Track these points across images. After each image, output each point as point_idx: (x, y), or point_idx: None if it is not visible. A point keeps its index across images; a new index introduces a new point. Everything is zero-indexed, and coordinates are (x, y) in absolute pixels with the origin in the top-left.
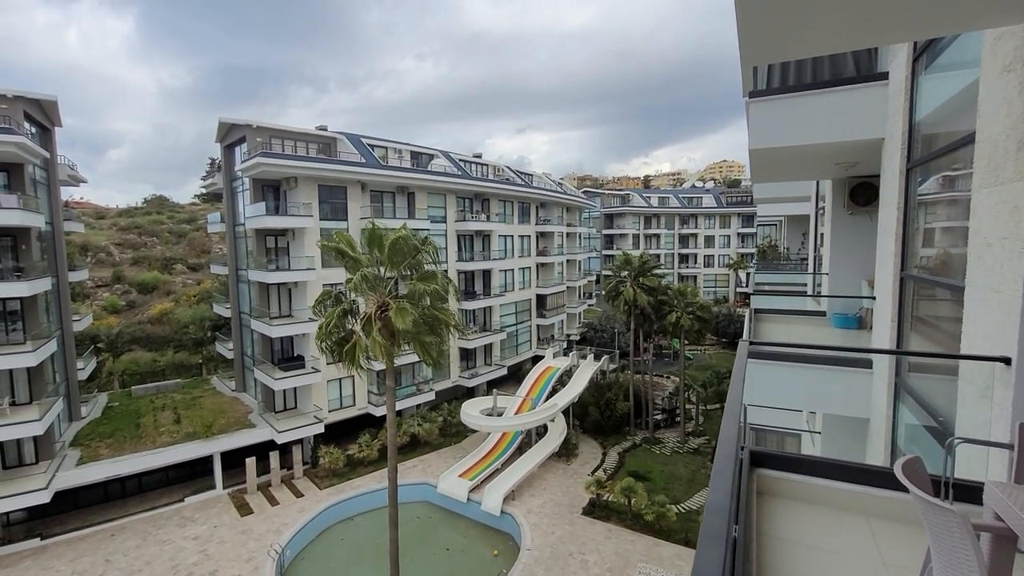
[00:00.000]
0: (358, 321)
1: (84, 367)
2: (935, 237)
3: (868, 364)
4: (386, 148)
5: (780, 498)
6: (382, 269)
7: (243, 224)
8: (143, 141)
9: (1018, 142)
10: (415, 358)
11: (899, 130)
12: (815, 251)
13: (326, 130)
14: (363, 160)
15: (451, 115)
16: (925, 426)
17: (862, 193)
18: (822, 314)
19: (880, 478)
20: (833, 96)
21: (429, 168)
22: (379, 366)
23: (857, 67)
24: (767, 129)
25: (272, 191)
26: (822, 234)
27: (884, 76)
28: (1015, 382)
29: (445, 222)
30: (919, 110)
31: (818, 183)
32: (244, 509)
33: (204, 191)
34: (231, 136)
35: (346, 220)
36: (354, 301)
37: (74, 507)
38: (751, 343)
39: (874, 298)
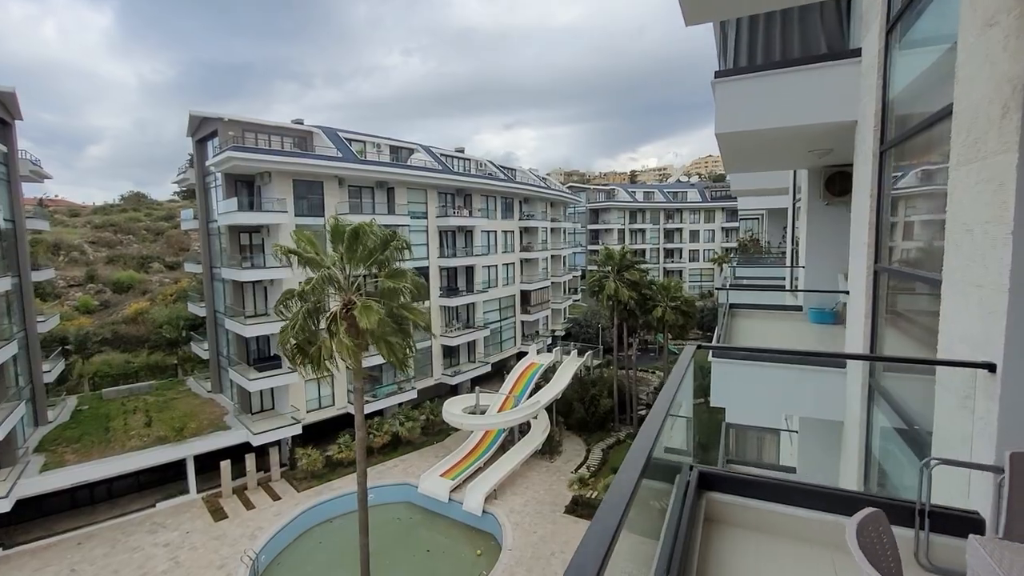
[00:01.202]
0: (323, 321)
1: (50, 370)
2: (911, 225)
3: (842, 364)
4: (364, 142)
5: (732, 527)
6: (348, 266)
7: (216, 221)
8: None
9: (1003, 107)
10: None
11: (872, 110)
12: (792, 244)
13: (302, 124)
14: (340, 155)
15: (439, 111)
16: (899, 430)
17: (838, 182)
18: (799, 309)
19: (846, 505)
20: (802, 75)
21: (409, 163)
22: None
23: (829, 45)
24: (734, 112)
25: (246, 187)
26: (798, 228)
27: (857, 53)
28: (1001, 393)
29: (426, 218)
30: (893, 87)
31: (795, 174)
32: (218, 514)
33: (179, 187)
34: (203, 130)
35: (323, 216)
36: (319, 301)
37: (39, 515)
38: (699, 347)
39: (846, 292)
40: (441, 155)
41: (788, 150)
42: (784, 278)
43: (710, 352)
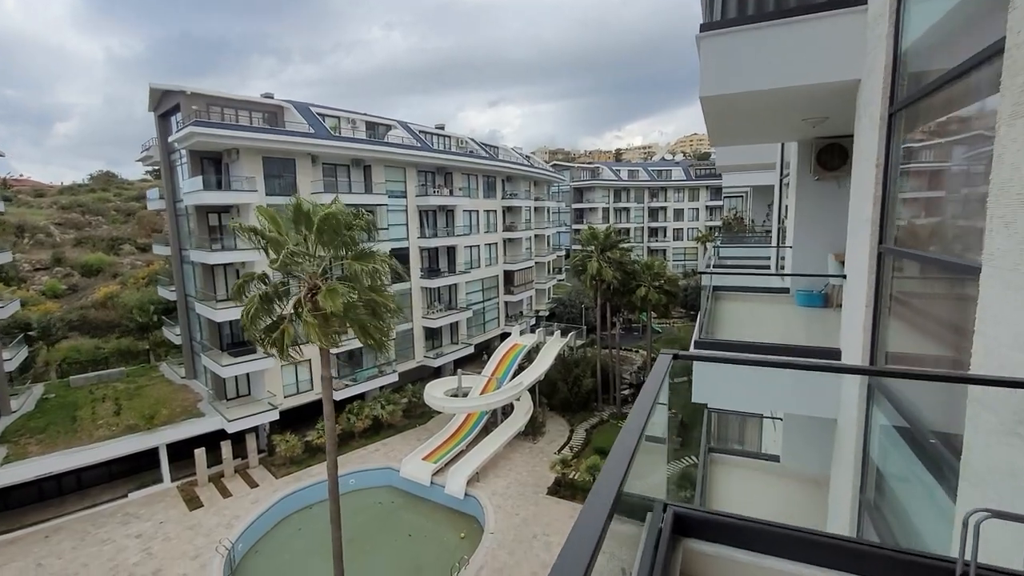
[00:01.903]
0: (287, 305)
1: (12, 357)
2: (929, 199)
3: (836, 355)
4: (338, 118)
5: None
6: (314, 248)
7: (182, 201)
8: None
9: None
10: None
11: (881, 65)
12: (779, 223)
13: (272, 98)
14: (312, 131)
15: (422, 87)
16: (905, 436)
17: (830, 156)
18: (785, 291)
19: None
20: (799, 28)
21: (386, 140)
22: (340, 348)
23: None
24: (721, 72)
25: (213, 164)
26: (786, 206)
27: (863, 1)
28: None
29: (405, 197)
30: (907, 36)
31: (783, 148)
32: (193, 503)
33: (143, 165)
34: (165, 104)
35: (296, 195)
36: (281, 284)
37: (2, 508)
38: (676, 356)
39: (843, 276)
40: (420, 132)
41: (780, 118)
42: (769, 258)
43: (691, 342)
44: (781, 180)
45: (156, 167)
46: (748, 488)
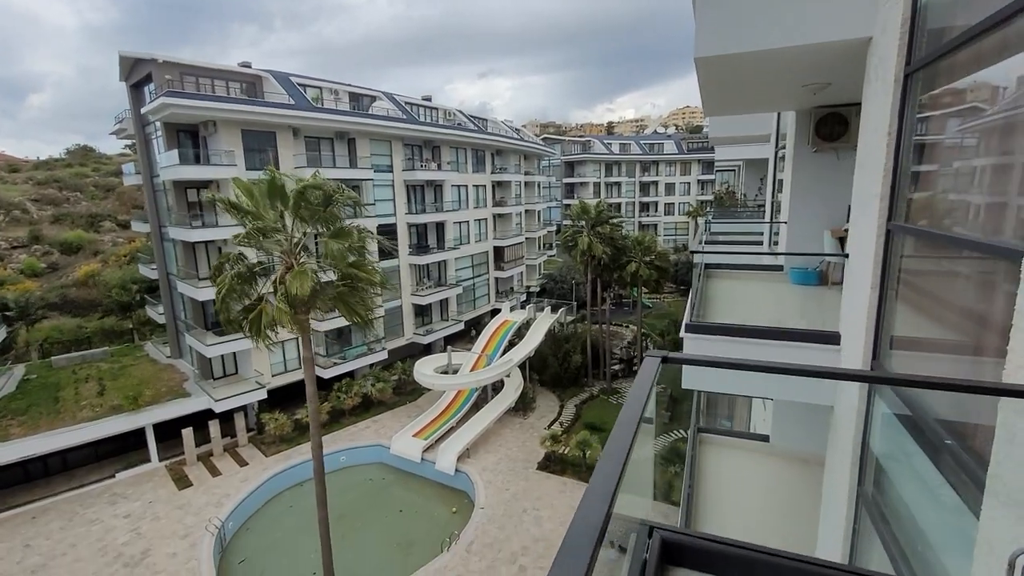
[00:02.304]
0: (267, 285)
1: None
2: (950, 172)
3: (835, 339)
4: (320, 89)
5: None
6: (292, 224)
7: (159, 176)
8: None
9: None
10: None
11: (897, 18)
12: (772, 197)
13: (250, 67)
14: (292, 102)
15: (409, 59)
16: (911, 428)
17: (829, 126)
18: (779, 268)
19: None
20: None
21: (370, 111)
22: (327, 325)
23: None
24: (718, 30)
25: (189, 138)
26: (781, 179)
27: None
28: None
29: (391, 171)
30: None
31: (779, 118)
32: (182, 482)
33: (117, 138)
34: (136, 73)
35: (279, 170)
36: (260, 263)
37: None
38: (666, 360)
39: (845, 255)
40: (406, 103)
41: (779, 84)
42: (762, 233)
43: (682, 324)
44: (776, 153)
45: (132, 141)
46: (738, 468)
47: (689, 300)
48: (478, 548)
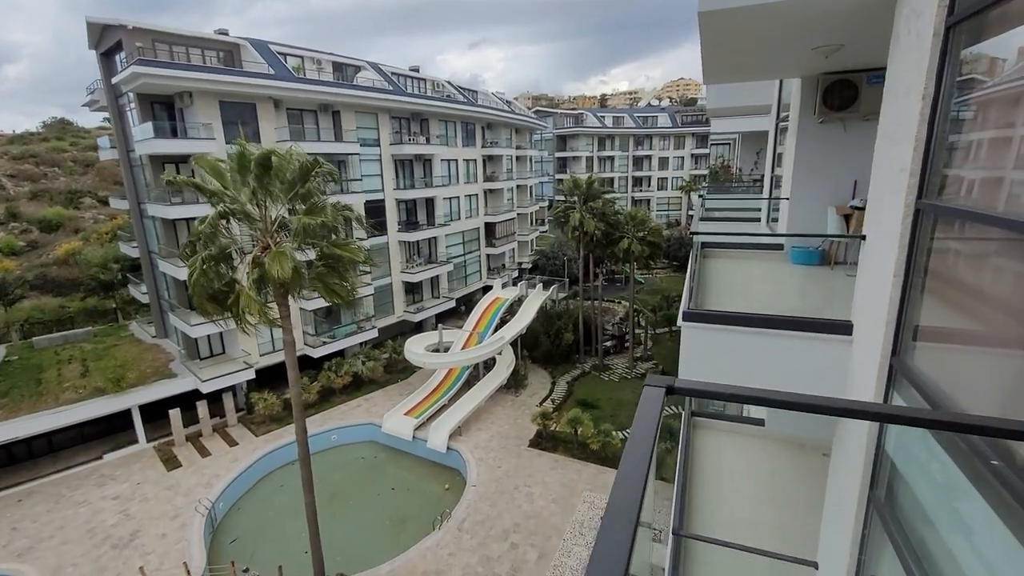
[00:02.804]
0: (244, 266)
1: None
2: (1001, 141)
3: (847, 329)
4: (301, 58)
5: None
6: (264, 202)
7: (134, 150)
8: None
9: None
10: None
11: None
12: (772, 171)
13: (227, 35)
14: (272, 72)
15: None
16: (937, 433)
17: (838, 94)
18: (779, 247)
19: None
20: None
21: (355, 82)
22: (314, 304)
23: None
24: None
25: (165, 109)
26: (780, 153)
27: None
28: None
29: (378, 146)
30: None
31: (781, 88)
32: (171, 463)
33: (90, 111)
34: (106, 41)
35: (259, 144)
36: (234, 244)
37: None
38: (671, 391)
39: (861, 237)
40: (393, 74)
41: (787, 46)
42: (759, 209)
43: (680, 314)
44: (777, 124)
45: (108, 113)
46: (733, 454)
47: (686, 284)
48: (470, 526)
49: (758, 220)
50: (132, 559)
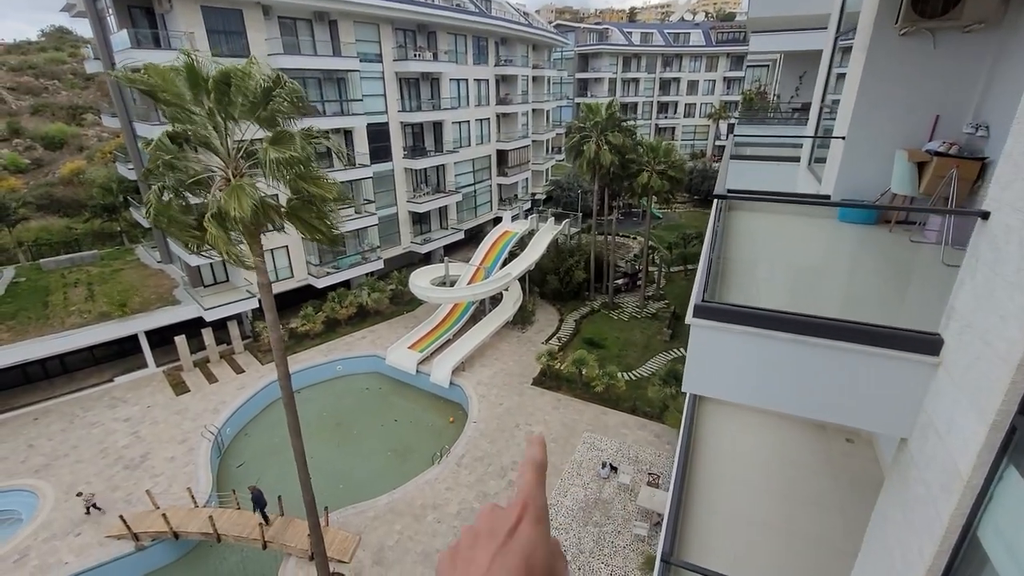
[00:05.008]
0: (216, 194)
1: None
2: None
3: (933, 347)
4: None
5: None
6: (224, 124)
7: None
8: None
9: None
10: (356, 224)
11: None
12: (822, 100)
13: None
14: None
15: None
16: None
17: None
18: (825, 199)
19: None
20: None
21: None
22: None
23: None
24: None
25: (145, 16)
26: (839, 75)
27: None
28: None
29: (381, 61)
30: None
31: None
32: (180, 388)
33: (70, 16)
34: None
35: (248, 56)
36: (208, 167)
37: None
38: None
39: (982, 214)
40: None
41: None
42: (800, 147)
43: (690, 307)
44: (836, 40)
45: (76, 16)
46: (741, 432)
47: (701, 263)
48: (468, 462)
49: (796, 160)
50: (142, 480)
